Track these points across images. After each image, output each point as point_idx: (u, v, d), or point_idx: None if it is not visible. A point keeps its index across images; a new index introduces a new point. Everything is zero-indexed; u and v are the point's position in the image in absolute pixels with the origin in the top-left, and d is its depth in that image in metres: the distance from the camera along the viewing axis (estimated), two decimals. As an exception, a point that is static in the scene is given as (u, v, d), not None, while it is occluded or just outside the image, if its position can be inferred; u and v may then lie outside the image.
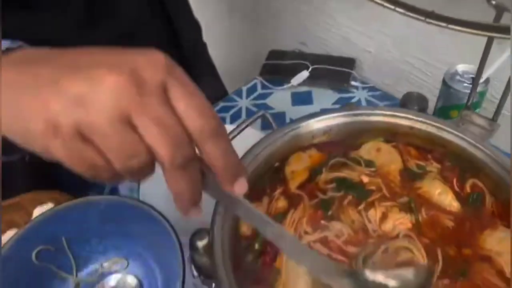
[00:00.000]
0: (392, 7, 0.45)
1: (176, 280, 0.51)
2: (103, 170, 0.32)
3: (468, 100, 0.60)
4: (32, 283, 0.55)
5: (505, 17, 0.48)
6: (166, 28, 0.88)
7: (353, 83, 1.02)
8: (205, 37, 0.99)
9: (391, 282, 0.41)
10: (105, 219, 0.58)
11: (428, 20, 0.44)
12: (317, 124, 0.60)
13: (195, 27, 0.96)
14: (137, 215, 0.56)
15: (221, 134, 0.34)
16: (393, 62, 1.00)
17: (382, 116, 0.59)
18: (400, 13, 0.45)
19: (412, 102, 0.79)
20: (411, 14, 0.44)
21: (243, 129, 0.59)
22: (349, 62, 1.05)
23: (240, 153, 0.53)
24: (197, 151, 0.34)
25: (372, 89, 1.01)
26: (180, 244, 0.52)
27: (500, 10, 0.47)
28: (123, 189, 0.88)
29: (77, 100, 0.29)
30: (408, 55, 0.98)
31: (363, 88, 1.02)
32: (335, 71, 1.04)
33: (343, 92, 1.01)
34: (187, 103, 0.31)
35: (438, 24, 0.44)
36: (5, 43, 0.36)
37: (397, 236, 0.51)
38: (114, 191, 0.87)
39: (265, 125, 0.79)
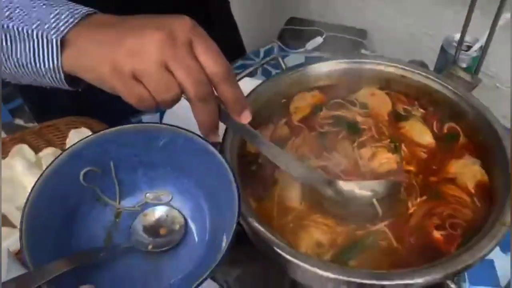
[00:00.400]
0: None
1: (225, 220, 0.48)
2: (147, 101, 0.45)
3: (454, 56, 0.68)
4: (75, 203, 0.53)
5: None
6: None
7: (363, 51, 1.10)
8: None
9: (361, 191, 0.53)
10: (156, 148, 0.54)
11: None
12: (321, 67, 0.69)
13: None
14: (191, 148, 0.53)
15: (231, 78, 0.46)
16: (400, 35, 1.08)
17: (378, 65, 0.68)
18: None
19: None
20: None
21: (259, 67, 0.69)
22: (361, 33, 1.13)
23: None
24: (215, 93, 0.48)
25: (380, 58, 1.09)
26: (237, 183, 0.48)
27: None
28: (146, 120, 0.98)
29: (133, 52, 0.43)
30: (415, 29, 1.05)
31: (372, 57, 1.09)
32: (347, 40, 1.12)
33: (353, 59, 1.09)
34: (206, 55, 0.44)
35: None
36: (85, 9, 0.47)
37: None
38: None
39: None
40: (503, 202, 0.51)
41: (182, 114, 0.91)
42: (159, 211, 0.56)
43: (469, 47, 0.82)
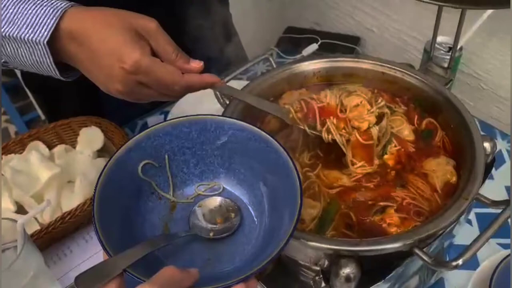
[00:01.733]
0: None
1: (285, 202, 0.50)
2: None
3: (430, 53, 0.74)
4: (132, 196, 0.53)
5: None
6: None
7: (355, 56, 1.16)
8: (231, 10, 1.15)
9: None
10: (212, 140, 0.56)
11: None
12: (309, 66, 0.75)
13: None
14: (243, 137, 0.55)
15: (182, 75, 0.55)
16: (391, 40, 1.14)
17: (361, 63, 0.74)
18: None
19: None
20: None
21: (252, 65, 0.76)
22: (355, 40, 1.20)
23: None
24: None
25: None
26: (295, 166, 0.50)
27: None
28: (151, 122, 1.06)
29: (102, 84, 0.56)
30: (405, 34, 1.12)
31: (365, 62, 1.16)
32: (342, 46, 1.18)
33: (346, 65, 1.16)
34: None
35: None
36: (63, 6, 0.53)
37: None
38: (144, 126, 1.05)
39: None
40: (468, 180, 0.56)
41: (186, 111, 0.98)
42: (213, 202, 0.56)
43: (450, 49, 0.88)
